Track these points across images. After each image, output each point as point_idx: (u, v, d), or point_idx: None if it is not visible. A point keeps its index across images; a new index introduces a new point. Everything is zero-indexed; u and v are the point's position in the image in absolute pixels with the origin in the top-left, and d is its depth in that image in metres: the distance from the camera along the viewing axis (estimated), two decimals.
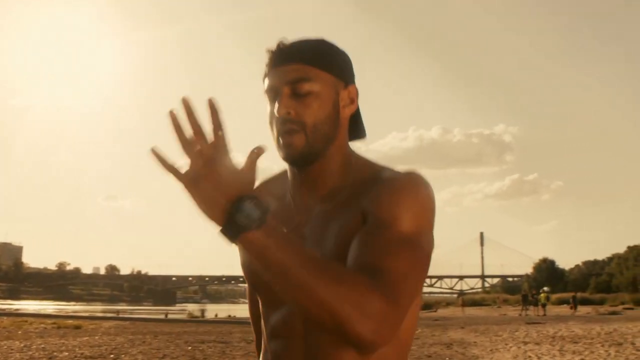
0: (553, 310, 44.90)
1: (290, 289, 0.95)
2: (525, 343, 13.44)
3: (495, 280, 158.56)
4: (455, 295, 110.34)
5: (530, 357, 10.57)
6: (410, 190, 1.11)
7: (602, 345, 12.18)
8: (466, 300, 70.53)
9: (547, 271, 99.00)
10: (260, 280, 1.21)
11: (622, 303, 52.67)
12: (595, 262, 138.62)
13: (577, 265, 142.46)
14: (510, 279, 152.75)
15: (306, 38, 1.21)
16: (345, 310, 0.92)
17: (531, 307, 36.36)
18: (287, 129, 1.14)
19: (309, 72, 1.16)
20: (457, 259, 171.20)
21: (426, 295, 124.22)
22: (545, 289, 48.45)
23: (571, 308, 39.64)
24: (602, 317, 28.99)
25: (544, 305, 36.01)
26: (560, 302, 62.63)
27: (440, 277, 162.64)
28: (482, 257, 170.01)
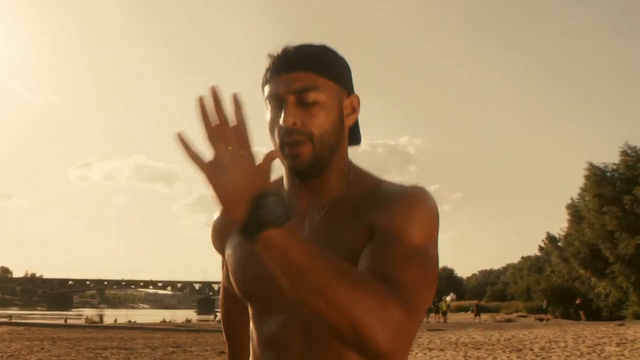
0: (453, 317, 46.32)
1: (308, 294, 0.90)
2: (430, 349, 13.71)
3: None
4: None
5: None
6: (419, 204, 1.12)
7: (504, 351, 12.59)
8: None
9: (446, 279, 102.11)
10: (255, 288, 1.19)
11: (517, 311, 55.08)
12: (491, 272, 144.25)
13: (474, 274, 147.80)
14: None
15: (309, 43, 1.19)
16: (365, 318, 0.88)
17: (432, 314, 37.25)
18: (294, 140, 1.12)
19: (316, 81, 1.14)
20: None
21: None
22: (448, 298, 49.88)
23: (475, 316, 41.00)
24: (499, 324, 30.08)
25: (444, 313, 37.00)
26: (459, 309, 64.77)
27: None
28: None
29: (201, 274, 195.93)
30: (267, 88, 1.17)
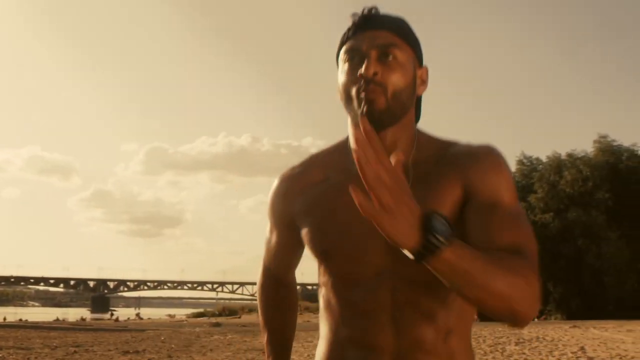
0: None
1: (472, 290, 1.00)
2: None
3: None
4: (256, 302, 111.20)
5: None
6: (505, 165, 1.22)
7: None
8: None
9: None
10: (338, 249, 1.22)
11: None
12: None
13: None
14: (309, 287, 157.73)
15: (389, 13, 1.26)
16: (519, 299, 1.02)
17: None
18: (372, 89, 1.17)
19: (397, 41, 1.21)
20: (259, 266, 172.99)
21: (227, 301, 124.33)
22: None
23: None
24: None
25: None
26: None
27: (242, 284, 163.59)
28: None
29: (96, 271, 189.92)
30: (348, 43, 1.22)
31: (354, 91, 1.20)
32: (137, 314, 54.38)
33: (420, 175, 1.22)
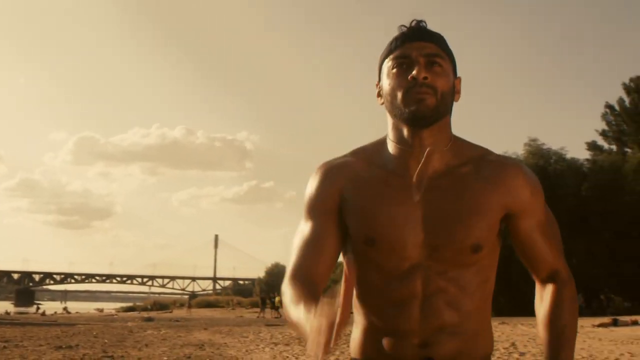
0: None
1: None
2: (275, 344, 13.83)
3: (227, 283, 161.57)
4: (187, 296, 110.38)
5: (287, 357, 10.90)
6: (539, 184, 1.46)
7: (349, 345, 13.01)
8: (201, 301, 71.03)
9: (278, 275, 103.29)
10: (382, 236, 1.34)
11: None
12: None
13: None
14: (241, 282, 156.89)
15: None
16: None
17: (267, 309, 37.55)
18: (423, 90, 1.31)
19: (441, 53, 1.37)
20: (191, 260, 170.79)
21: (157, 295, 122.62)
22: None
23: None
24: None
25: (277, 308, 37.34)
26: None
27: (173, 278, 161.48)
28: (215, 260, 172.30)
29: (21, 264, 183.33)
30: (398, 51, 1.36)
31: (401, 93, 1.33)
32: (65, 308, 53.07)
33: (458, 179, 1.37)
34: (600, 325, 17.00)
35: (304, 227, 1.43)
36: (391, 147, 1.40)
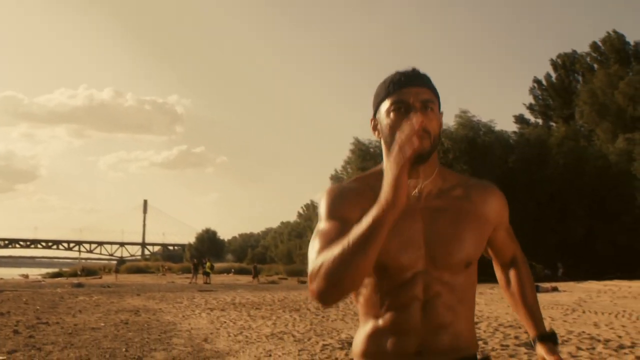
0: (216, 278, 47.02)
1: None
2: (211, 309, 13.96)
3: (156, 248, 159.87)
4: (115, 262, 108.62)
5: (225, 322, 11.04)
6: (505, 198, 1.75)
7: (284, 311, 13.26)
8: (131, 267, 70.11)
9: (209, 241, 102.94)
10: (393, 262, 1.53)
11: (277, 273, 57.32)
12: (251, 235, 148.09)
13: (234, 237, 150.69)
14: (170, 247, 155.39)
15: (420, 70, 1.61)
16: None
17: (199, 275, 37.50)
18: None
19: (433, 97, 1.58)
20: (119, 226, 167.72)
21: (84, 261, 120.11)
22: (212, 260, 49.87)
23: (253, 277, 41.98)
24: (266, 286, 31.30)
25: (208, 274, 37.34)
26: (221, 271, 65.82)
27: (100, 243, 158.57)
28: (144, 225, 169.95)
29: None
30: (396, 95, 1.56)
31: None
32: None
33: (451, 200, 1.62)
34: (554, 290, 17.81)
35: (326, 226, 1.52)
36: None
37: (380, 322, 1.57)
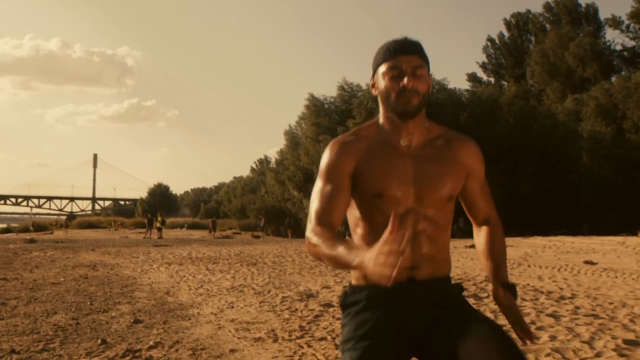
0: (170, 233, 47.00)
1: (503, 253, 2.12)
2: (169, 264, 14.09)
3: (107, 203, 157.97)
4: (65, 217, 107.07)
5: (184, 276, 11.22)
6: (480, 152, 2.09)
7: (241, 265, 13.49)
8: (82, 222, 69.36)
9: (161, 196, 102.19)
10: (388, 192, 1.90)
11: (230, 228, 57.55)
12: (203, 190, 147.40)
13: (187, 192, 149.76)
14: (122, 203, 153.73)
15: (412, 38, 1.92)
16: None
17: (154, 231, 37.47)
18: (410, 94, 1.87)
19: (423, 63, 1.89)
20: (68, 180, 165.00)
21: (34, 216, 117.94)
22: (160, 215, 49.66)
23: (210, 232, 42.05)
24: (220, 241, 31.44)
25: (160, 229, 37.37)
26: (174, 226, 65.69)
27: (50, 198, 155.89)
28: (95, 179, 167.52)
29: None
30: (391, 61, 1.88)
31: (394, 95, 1.88)
32: None
33: (434, 149, 1.96)
34: (472, 246, 18.40)
35: (324, 186, 1.94)
36: (386, 127, 1.98)
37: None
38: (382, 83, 1.91)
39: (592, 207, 37.84)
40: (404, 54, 1.87)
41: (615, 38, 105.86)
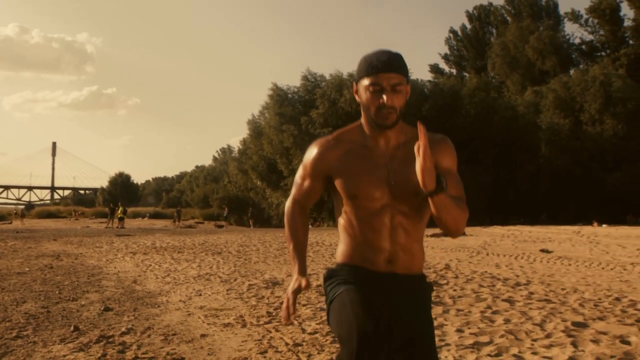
0: (132, 223, 46.69)
1: (445, 216, 2.02)
2: (134, 253, 14.13)
3: (67, 193, 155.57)
4: (23, 207, 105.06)
5: (150, 265, 11.31)
6: (454, 151, 2.24)
7: (206, 254, 13.62)
8: (42, 212, 68.32)
9: (122, 185, 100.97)
10: (362, 193, 2.12)
11: (193, 217, 57.37)
12: (165, 179, 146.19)
13: (148, 181, 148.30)
14: (82, 192, 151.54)
15: (393, 52, 2.10)
16: (462, 223, 2.09)
17: (116, 220, 37.19)
18: (389, 111, 2.07)
19: (401, 80, 2.07)
20: (26, 169, 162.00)
21: None
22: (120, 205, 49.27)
23: (174, 222, 41.87)
24: (184, 230, 31.42)
25: (120, 219, 37.14)
26: (136, 215, 65.17)
27: (7, 187, 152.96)
28: (53, 168, 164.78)
29: None
30: (373, 77, 2.06)
31: (374, 109, 2.08)
32: None
33: (408, 150, 2.11)
34: (433, 235, 18.81)
35: (302, 179, 2.29)
36: (366, 131, 2.19)
37: (359, 239, 2.16)
38: (363, 95, 2.10)
39: (551, 197, 38.76)
40: (385, 72, 2.04)
41: (574, 32, 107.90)
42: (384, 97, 2.03)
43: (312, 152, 2.24)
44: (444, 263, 10.96)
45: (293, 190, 2.33)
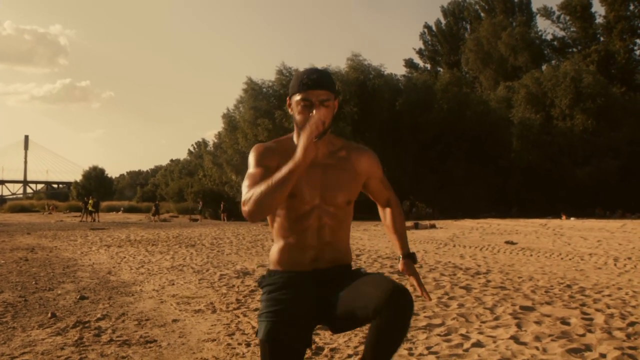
0: (106, 217, 46.51)
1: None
2: (108, 246, 14.32)
3: (40, 187, 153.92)
4: None
5: (124, 257, 11.55)
6: (378, 160, 2.56)
7: (180, 247, 13.86)
8: (14, 206, 67.71)
9: (96, 179, 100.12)
10: (298, 193, 2.33)
11: (168, 211, 57.22)
12: (139, 173, 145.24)
13: (122, 175, 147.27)
14: (55, 186, 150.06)
15: (323, 70, 2.41)
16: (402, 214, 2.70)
17: (92, 214, 37.17)
18: (318, 124, 2.20)
19: (330, 95, 2.32)
20: None
21: None
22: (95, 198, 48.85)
23: (153, 215, 41.80)
24: (158, 224, 31.53)
25: (91, 213, 37.17)
26: (110, 209, 64.83)
27: None
28: (26, 162, 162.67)
29: None
30: (303, 94, 2.30)
31: (304, 122, 2.24)
32: None
33: (338, 159, 2.42)
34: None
35: (254, 171, 2.32)
36: (299, 142, 2.24)
37: (290, 240, 2.40)
38: (295, 109, 2.33)
39: (521, 191, 39.37)
40: (314, 89, 2.28)
41: (546, 28, 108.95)
42: (314, 112, 2.24)
43: (257, 151, 2.40)
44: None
45: (247, 184, 2.28)
